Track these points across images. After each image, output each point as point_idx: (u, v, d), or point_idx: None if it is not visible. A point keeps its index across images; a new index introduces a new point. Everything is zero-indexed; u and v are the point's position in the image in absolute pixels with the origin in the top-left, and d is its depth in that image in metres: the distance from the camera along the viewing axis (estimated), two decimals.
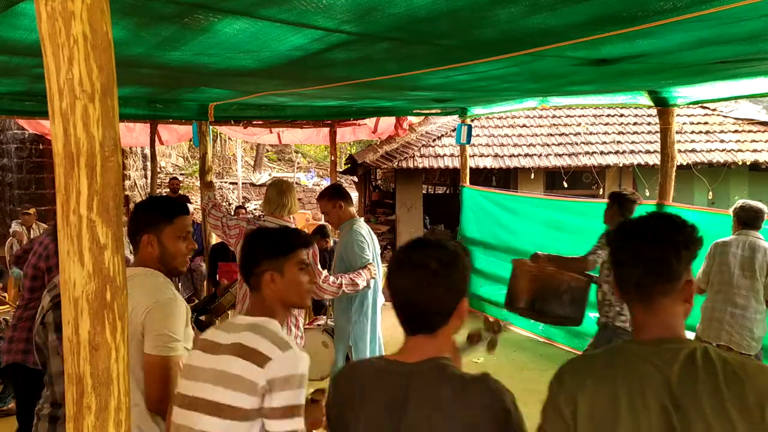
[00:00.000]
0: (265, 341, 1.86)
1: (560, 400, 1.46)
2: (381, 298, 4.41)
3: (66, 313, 1.12)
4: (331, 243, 7.15)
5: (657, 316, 1.46)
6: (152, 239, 2.29)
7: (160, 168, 18.16)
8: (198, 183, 6.57)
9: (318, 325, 5.73)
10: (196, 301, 7.84)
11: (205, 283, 8.02)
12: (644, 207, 5.71)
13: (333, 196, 4.23)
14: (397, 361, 1.57)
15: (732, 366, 1.37)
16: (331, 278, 3.86)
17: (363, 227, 4.23)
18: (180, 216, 2.34)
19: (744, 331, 4.37)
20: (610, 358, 1.49)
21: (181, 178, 15.08)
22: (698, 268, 4.71)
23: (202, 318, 6.99)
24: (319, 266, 3.79)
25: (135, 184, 15.06)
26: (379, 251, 4.38)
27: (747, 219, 4.59)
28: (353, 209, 4.33)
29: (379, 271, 4.31)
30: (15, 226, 8.05)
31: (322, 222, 10.22)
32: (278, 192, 4.05)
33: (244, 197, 21.11)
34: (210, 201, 4.38)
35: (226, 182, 22.26)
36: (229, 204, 19.86)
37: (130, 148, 14.23)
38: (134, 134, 11.22)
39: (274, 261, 2.03)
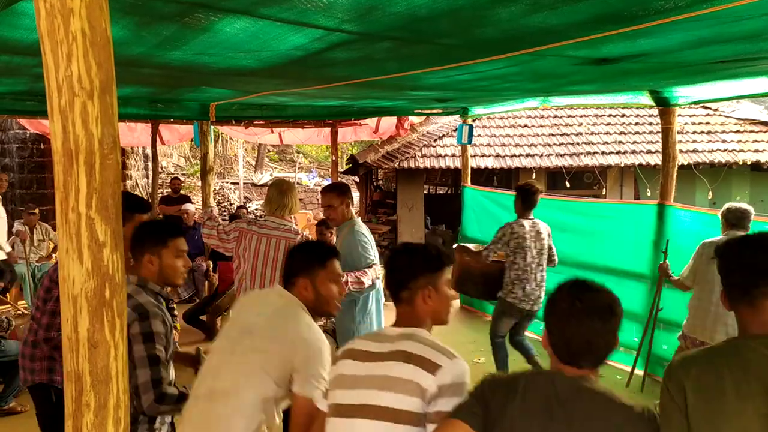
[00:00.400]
0: (429, 349, 1.91)
1: (671, 389, 1.69)
2: (383, 299, 4.41)
3: (65, 310, 1.12)
4: (334, 239, 7.14)
5: (762, 315, 1.70)
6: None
7: (162, 168, 18.17)
8: (199, 183, 6.57)
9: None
10: (197, 300, 7.85)
11: (206, 283, 8.02)
12: (644, 207, 5.68)
13: (344, 192, 4.24)
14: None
15: None
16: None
17: (363, 227, 4.23)
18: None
19: (727, 329, 4.44)
20: (714, 350, 1.75)
21: (182, 178, 15.08)
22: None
23: (203, 318, 7.01)
24: None
25: (136, 184, 15.06)
26: (377, 251, 4.39)
27: (734, 220, 4.67)
28: (353, 210, 4.35)
29: (378, 270, 4.32)
30: (18, 226, 8.06)
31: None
32: (279, 192, 4.05)
33: (245, 197, 21.11)
34: (206, 214, 4.42)
35: (227, 182, 22.26)
36: (231, 204, 19.86)
37: (132, 148, 14.22)
38: (135, 134, 11.22)
39: (430, 277, 2.09)
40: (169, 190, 10.89)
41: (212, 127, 6.31)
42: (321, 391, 2.15)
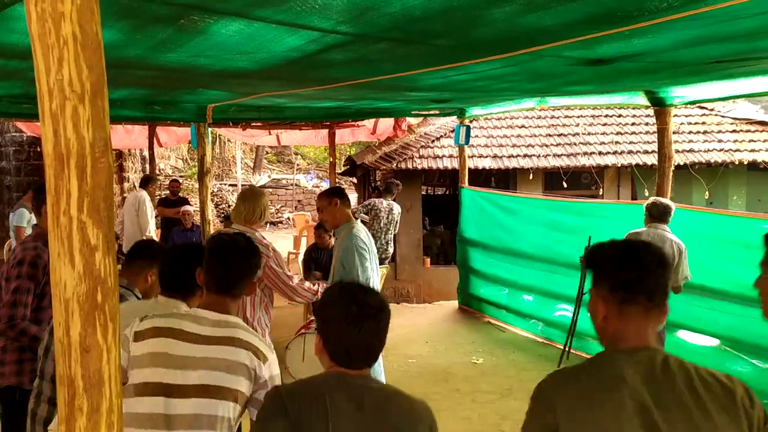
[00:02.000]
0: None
1: (540, 408, 1.57)
2: None
3: (57, 314, 1.11)
4: (332, 242, 7.13)
5: (630, 326, 1.59)
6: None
7: (159, 170, 18.14)
8: (197, 185, 6.55)
9: (316, 328, 5.70)
10: None
11: None
12: (641, 207, 5.70)
13: (330, 193, 4.18)
14: None
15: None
16: (307, 284, 3.86)
17: (361, 231, 4.11)
18: None
19: None
20: (585, 366, 1.60)
21: (180, 181, 15.07)
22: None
23: None
24: (286, 269, 3.75)
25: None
26: (376, 254, 4.33)
27: (657, 214, 4.99)
28: (350, 212, 4.23)
29: (376, 272, 4.28)
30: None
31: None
32: (242, 200, 3.87)
33: None
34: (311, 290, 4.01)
35: (225, 184, 22.25)
36: (229, 206, 19.84)
37: (129, 150, 14.22)
38: (133, 136, 11.22)
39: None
40: (167, 192, 10.87)
41: (209, 128, 6.30)
42: None
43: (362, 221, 5.80)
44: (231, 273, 2.13)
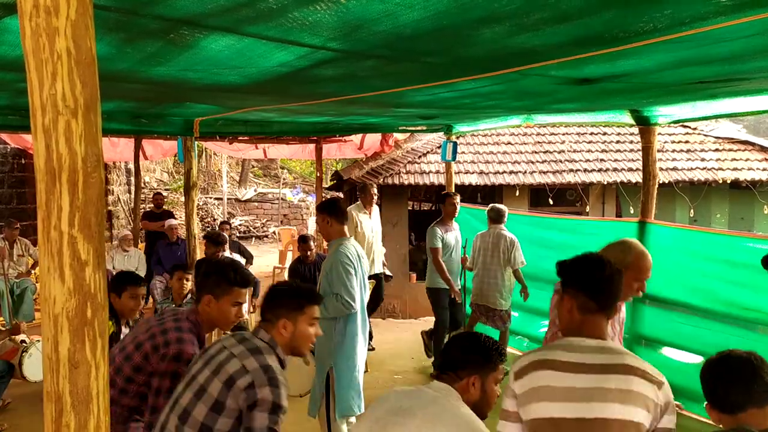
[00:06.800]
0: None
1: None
2: (366, 321, 4.39)
3: (45, 329, 1.10)
4: (314, 256, 7.14)
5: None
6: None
7: (144, 183, 18.04)
8: (183, 198, 6.51)
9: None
10: None
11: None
12: (625, 224, 5.73)
13: (322, 210, 4.22)
14: None
15: None
16: None
17: (350, 248, 4.14)
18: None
19: (497, 294, 6.43)
20: None
21: (165, 194, 14.97)
22: None
23: None
24: None
25: (119, 199, 14.94)
26: (367, 270, 4.35)
27: (496, 217, 6.55)
28: (344, 228, 4.26)
29: (365, 288, 4.29)
30: None
31: (305, 233, 10.26)
32: None
33: (229, 213, 21.01)
34: None
35: (211, 198, 22.16)
36: (214, 219, 19.75)
37: (114, 163, 14.13)
38: (118, 149, 11.15)
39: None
40: (152, 205, 10.80)
41: (196, 142, 6.28)
42: None
43: None
44: None
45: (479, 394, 2.17)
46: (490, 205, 6.69)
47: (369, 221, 7.34)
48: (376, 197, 7.53)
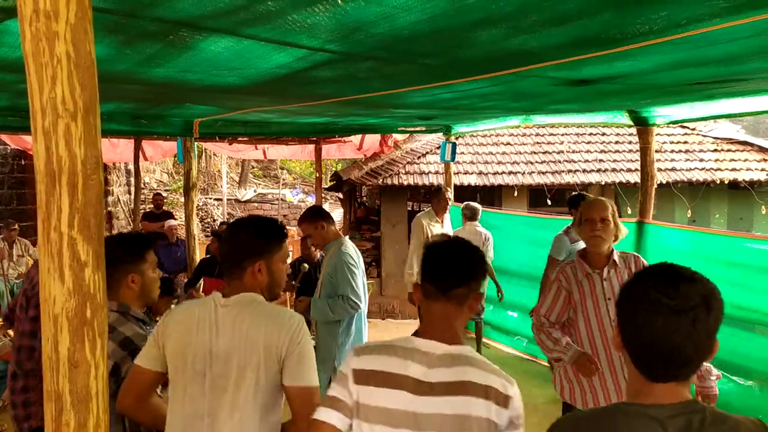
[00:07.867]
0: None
1: None
2: (366, 322, 4.41)
3: (45, 330, 1.12)
4: (318, 255, 7.12)
5: None
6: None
7: (144, 184, 18.04)
8: (182, 199, 6.54)
9: None
10: None
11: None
12: (625, 225, 5.75)
13: (312, 217, 4.23)
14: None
15: None
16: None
17: (350, 247, 4.18)
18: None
19: None
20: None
21: (165, 194, 14.98)
22: None
23: None
24: None
25: (118, 200, 14.95)
26: (363, 269, 4.37)
27: (471, 214, 6.89)
28: (335, 228, 4.30)
29: (364, 288, 4.31)
30: None
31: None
32: None
33: (229, 213, 21.01)
34: None
35: (210, 198, 22.16)
36: (214, 220, 19.76)
37: (114, 164, 14.14)
38: (118, 150, 11.16)
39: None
40: (152, 206, 10.82)
41: (196, 143, 6.29)
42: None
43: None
44: None
45: (267, 278, 2.18)
46: (465, 203, 7.07)
47: (441, 231, 6.69)
48: (450, 203, 6.90)
